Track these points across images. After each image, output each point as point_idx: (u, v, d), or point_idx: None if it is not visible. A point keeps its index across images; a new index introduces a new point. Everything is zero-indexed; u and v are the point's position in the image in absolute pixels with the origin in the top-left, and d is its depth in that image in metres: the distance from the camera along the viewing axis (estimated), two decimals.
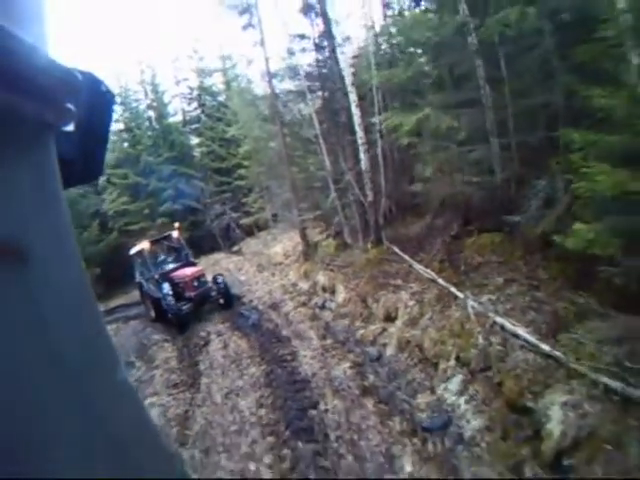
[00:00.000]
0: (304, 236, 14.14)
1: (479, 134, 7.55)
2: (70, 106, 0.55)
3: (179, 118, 29.33)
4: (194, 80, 30.30)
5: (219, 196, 24.92)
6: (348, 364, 6.72)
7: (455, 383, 5.43)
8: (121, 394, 0.61)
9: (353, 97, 9.96)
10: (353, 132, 10.69)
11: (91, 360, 0.56)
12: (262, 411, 5.92)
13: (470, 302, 6.08)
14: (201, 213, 23.89)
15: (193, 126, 28.88)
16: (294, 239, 16.00)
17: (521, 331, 5.11)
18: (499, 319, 5.49)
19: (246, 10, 14.25)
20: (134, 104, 26.68)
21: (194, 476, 4.95)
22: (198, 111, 29.16)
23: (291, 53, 13.69)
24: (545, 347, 4.73)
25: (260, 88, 16.14)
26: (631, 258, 4.30)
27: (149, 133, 25.80)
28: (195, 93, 29.81)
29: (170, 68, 30.04)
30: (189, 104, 29.74)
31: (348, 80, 10.14)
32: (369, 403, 5.57)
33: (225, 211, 23.27)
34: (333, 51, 12.08)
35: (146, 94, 27.71)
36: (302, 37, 13.88)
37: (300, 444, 5.02)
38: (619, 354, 4.27)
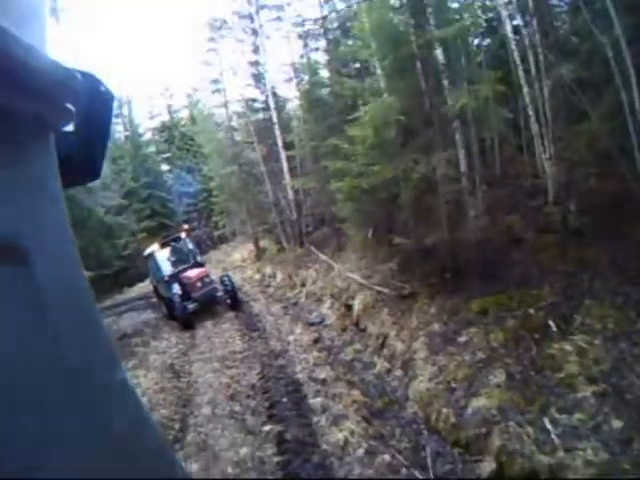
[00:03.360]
0: (257, 244, 19.86)
1: None
2: (70, 106, 0.56)
3: (152, 148, 33.90)
4: (165, 115, 35.53)
5: (187, 215, 30.15)
6: (279, 306, 12.41)
7: (327, 305, 11.17)
8: (121, 394, 0.63)
9: (283, 155, 15.87)
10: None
11: (91, 360, 0.57)
12: (233, 326, 11.47)
13: (337, 268, 11.89)
14: (173, 229, 28.42)
15: (164, 155, 33.63)
16: (248, 248, 21.78)
17: (355, 276, 10.87)
18: (349, 274, 11.26)
19: (215, 81, 19.92)
20: (117, 135, 30.99)
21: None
22: (168, 142, 34.20)
23: (245, 115, 19.51)
24: (361, 280, 10.46)
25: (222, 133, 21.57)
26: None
27: (127, 160, 29.77)
28: (166, 127, 35.01)
29: (144, 104, 35.19)
30: (161, 137, 34.84)
31: (279, 142, 16.03)
32: (287, 318, 11.23)
33: (199, 226, 28.45)
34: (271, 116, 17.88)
35: (125, 127, 32.36)
36: (253, 100, 19.67)
37: (252, 334, 10.57)
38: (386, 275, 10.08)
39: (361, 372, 7.81)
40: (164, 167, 33.99)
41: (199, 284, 12.59)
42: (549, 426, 4.41)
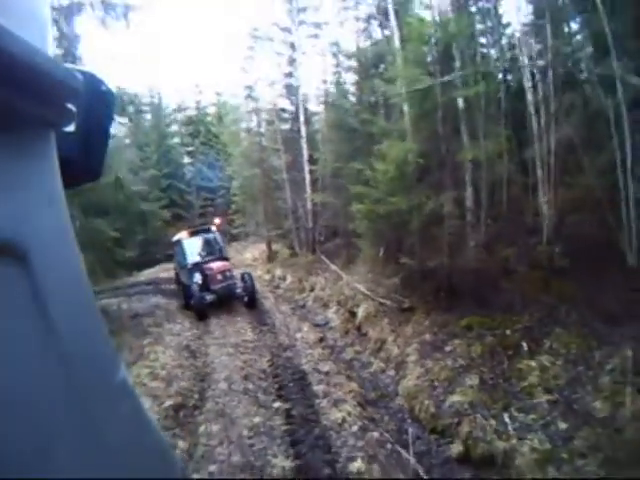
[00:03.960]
0: (269, 246, 21.05)
1: None
2: (70, 106, 0.56)
3: (177, 139, 35.14)
4: (193, 109, 36.84)
5: (203, 209, 31.23)
6: (288, 306, 13.55)
7: (333, 310, 12.29)
8: (121, 394, 0.63)
9: (306, 167, 17.06)
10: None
11: (91, 360, 0.57)
12: (245, 319, 12.57)
13: (346, 278, 13.02)
14: (188, 221, 28.77)
15: (188, 148, 34.61)
16: (260, 249, 22.95)
17: (361, 287, 11.98)
18: (356, 285, 12.37)
19: (249, 87, 21.13)
20: (144, 123, 32.34)
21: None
22: (193, 136, 35.20)
23: (274, 123, 20.64)
24: (366, 291, 11.58)
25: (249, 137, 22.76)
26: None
27: (152, 148, 31.09)
28: (192, 121, 36.20)
29: (174, 97, 36.44)
30: (186, 130, 36.01)
31: (305, 154, 17.24)
32: (295, 317, 12.36)
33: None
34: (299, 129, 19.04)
35: (153, 116, 33.65)
36: (283, 110, 20.86)
37: (262, 327, 11.67)
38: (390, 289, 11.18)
39: (359, 370, 8.94)
40: (186, 160, 35.04)
41: (220, 277, 12.82)
42: (508, 420, 5.56)
